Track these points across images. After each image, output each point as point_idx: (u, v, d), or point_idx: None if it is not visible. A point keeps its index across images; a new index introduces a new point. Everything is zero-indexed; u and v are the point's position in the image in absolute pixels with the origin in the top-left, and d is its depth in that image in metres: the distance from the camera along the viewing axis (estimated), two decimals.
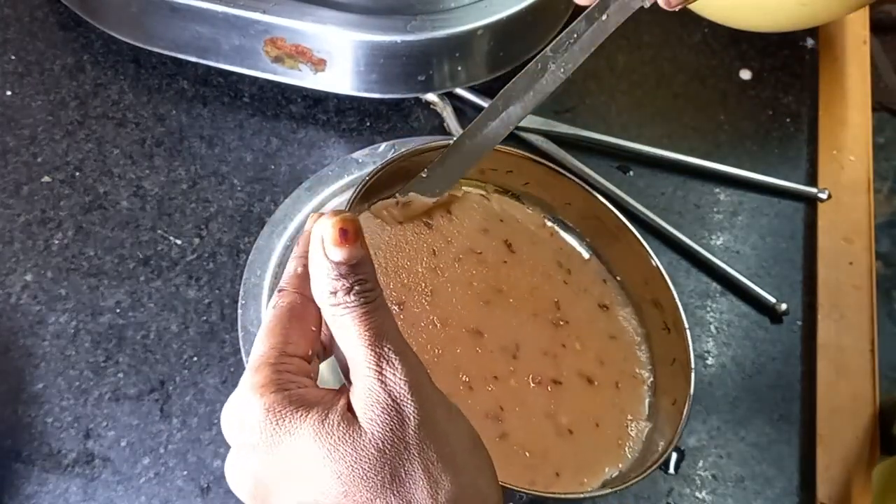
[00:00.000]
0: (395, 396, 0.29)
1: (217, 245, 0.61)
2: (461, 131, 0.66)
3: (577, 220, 0.51)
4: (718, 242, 0.66)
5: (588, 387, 0.43)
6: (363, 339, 0.30)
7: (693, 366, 0.44)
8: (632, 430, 0.43)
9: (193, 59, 0.66)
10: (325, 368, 0.33)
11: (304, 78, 0.65)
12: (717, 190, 0.69)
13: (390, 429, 0.29)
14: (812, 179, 0.71)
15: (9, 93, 0.66)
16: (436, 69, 0.64)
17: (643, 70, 0.74)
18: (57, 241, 0.60)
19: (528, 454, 0.39)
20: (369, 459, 0.29)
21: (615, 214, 0.49)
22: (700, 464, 0.58)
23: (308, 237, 0.33)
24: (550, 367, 0.42)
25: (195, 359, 0.57)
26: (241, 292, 0.55)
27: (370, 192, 0.42)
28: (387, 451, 0.29)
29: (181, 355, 0.57)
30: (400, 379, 0.30)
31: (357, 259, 0.30)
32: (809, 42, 0.77)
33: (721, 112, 0.72)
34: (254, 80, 0.67)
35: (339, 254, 0.30)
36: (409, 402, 0.29)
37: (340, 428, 0.29)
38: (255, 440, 0.29)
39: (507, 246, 0.46)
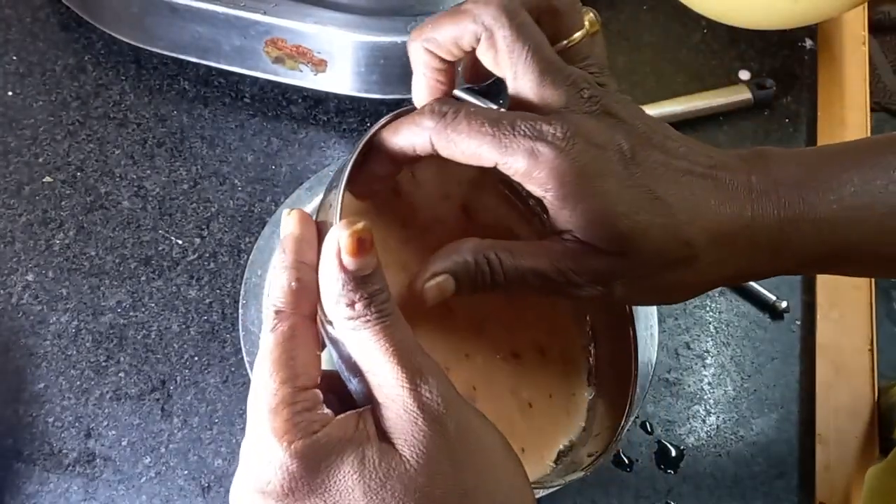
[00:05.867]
0: (435, 415, 0.28)
1: (218, 245, 0.61)
2: None
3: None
4: None
5: (542, 358, 0.41)
6: (388, 354, 0.28)
7: (635, 333, 0.42)
8: (577, 400, 0.42)
9: (194, 60, 0.66)
10: None
11: (305, 79, 0.65)
12: None
13: (434, 451, 0.28)
14: None
15: (10, 93, 0.66)
16: None
17: (643, 70, 0.74)
18: (58, 241, 0.60)
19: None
20: (419, 490, 0.28)
21: None
22: (699, 464, 0.58)
23: (293, 242, 0.31)
24: (511, 340, 0.41)
25: (196, 358, 0.57)
26: (242, 292, 0.55)
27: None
28: (434, 476, 0.28)
29: (182, 355, 0.57)
30: (436, 396, 0.28)
31: (373, 268, 0.29)
32: (808, 43, 0.77)
33: (720, 112, 0.73)
34: (254, 81, 0.68)
35: (356, 264, 0.28)
36: (448, 418, 0.28)
37: (383, 463, 0.28)
38: (286, 489, 0.28)
39: (463, 211, 0.42)
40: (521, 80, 0.33)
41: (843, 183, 0.35)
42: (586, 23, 0.35)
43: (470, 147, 0.32)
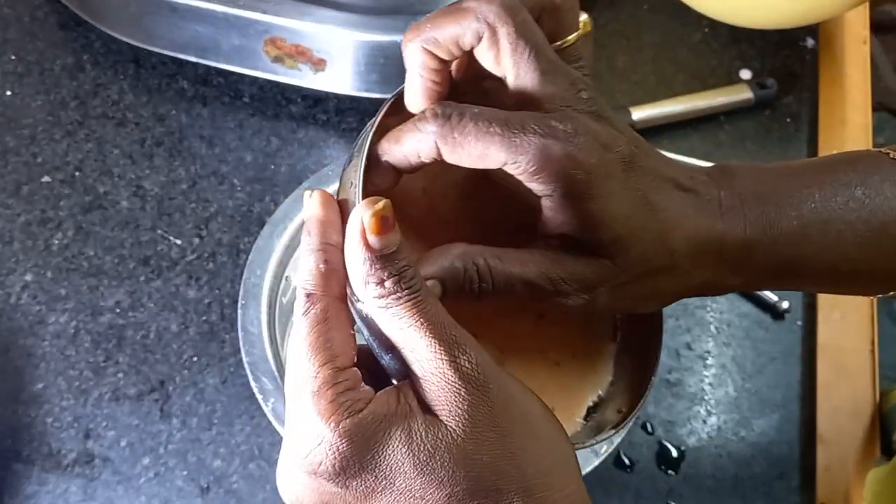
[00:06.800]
0: (476, 385, 0.29)
1: (217, 245, 0.61)
2: None
3: None
4: None
5: (566, 315, 0.41)
6: (423, 329, 0.29)
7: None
8: (603, 354, 0.42)
9: (193, 59, 0.66)
10: None
11: (304, 78, 0.65)
12: None
13: (479, 420, 0.28)
14: None
15: (9, 93, 0.66)
16: None
17: (643, 70, 0.74)
18: (57, 241, 0.60)
19: None
20: (468, 458, 0.28)
21: None
22: (700, 464, 0.58)
23: (319, 224, 0.32)
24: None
25: (195, 359, 0.57)
26: (241, 292, 0.55)
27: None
28: (481, 443, 0.29)
29: (181, 355, 0.57)
30: (474, 365, 0.29)
31: (397, 245, 0.29)
32: (809, 42, 0.77)
33: (721, 112, 0.72)
34: (254, 80, 0.67)
35: (381, 242, 0.29)
36: (487, 388, 0.29)
37: (429, 435, 0.28)
38: (338, 468, 0.28)
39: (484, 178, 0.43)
40: (522, 79, 0.33)
41: (804, 199, 0.35)
42: (581, 24, 0.35)
43: (477, 149, 0.32)
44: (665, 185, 0.34)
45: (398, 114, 0.37)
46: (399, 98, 0.36)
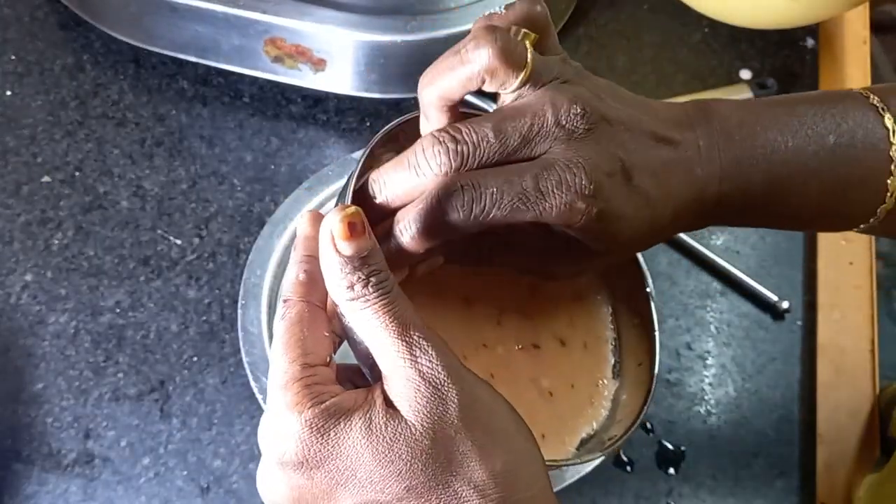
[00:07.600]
0: (435, 382, 0.30)
1: (217, 245, 0.61)
2: None
3: None
4: (718, 242, 0.66)
5: (562, 349, 0.43)
6: (389, 329, 0.30)
7: (657, 329, 0.44)
8: (601, 390, 0.44)
9: (193, 59, 0.66)
10: None
11: (304, 78, 0.65)
12: None
13: (438, 416, 0.29)
14: None
15: (9, 93, 0.66)
16: None
17: (643, 70, 0.74)
18: (57, 241, 0.60)
19: None
20: (425, 451, 0.29)
21: None
22: (700, 464, 0.58)
23: (304, 240, 0.33)
24: (531, 331, 0.43)
25: (195, 359, 0.57)
26: (241, 292, 0.55)
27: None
28: (439, 439, 0.29)
29: (181, 355, 0.57)
30: (436, 364, 0.30)
31: (368, 250, 0.30)
32: (810, 42, 0.77)
33: None
34: (254, 80, 0.67)
35: (350, 247, 0.30)
36: (448, 385, 0.30)
37: (389, 427, 0.29)
38: (300, 457, 0.30)
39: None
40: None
41: (776, 149, 0.37)
42: (526, 43, 0.35)
43: (507, 217, 0.33)
44: (656, 166, 0.35)
45: (388, 144, 0.38)
46: (390, 132, 0.37)
